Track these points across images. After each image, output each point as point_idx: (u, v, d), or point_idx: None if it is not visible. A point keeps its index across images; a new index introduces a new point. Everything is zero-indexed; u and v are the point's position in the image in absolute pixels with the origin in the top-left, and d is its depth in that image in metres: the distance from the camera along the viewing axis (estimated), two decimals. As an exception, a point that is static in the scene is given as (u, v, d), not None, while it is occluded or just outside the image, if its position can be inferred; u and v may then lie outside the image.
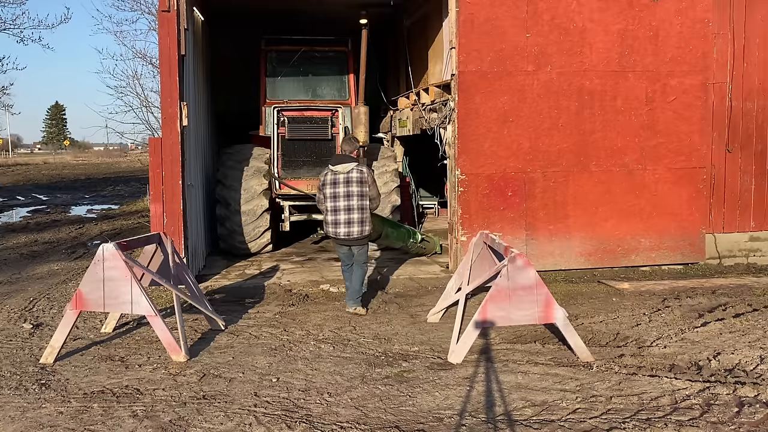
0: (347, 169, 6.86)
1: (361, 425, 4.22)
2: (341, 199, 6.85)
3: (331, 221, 6.93)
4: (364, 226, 6.93)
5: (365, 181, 6.88)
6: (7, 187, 27.50)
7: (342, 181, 6.86)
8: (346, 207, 6.85)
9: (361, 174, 6.88)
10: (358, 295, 7.08)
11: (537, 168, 8.83)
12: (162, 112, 8.11)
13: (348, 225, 6.87)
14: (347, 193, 6.84)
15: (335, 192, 6.87)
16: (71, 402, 4.62)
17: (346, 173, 6.85)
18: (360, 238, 6.95)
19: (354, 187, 6.84)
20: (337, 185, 6.87)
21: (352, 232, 6.88)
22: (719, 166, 9.51)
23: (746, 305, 7.08)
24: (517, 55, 8.67)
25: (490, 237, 6.43)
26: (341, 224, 6.88)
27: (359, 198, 6.86)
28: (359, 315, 6.93)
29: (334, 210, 6.88)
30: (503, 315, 5.34)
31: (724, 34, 9.35)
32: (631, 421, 4.21)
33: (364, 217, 6.92)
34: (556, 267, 8.92)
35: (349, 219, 6.86)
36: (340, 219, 6.87)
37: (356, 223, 6.88)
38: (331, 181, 6.91)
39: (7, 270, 9.54)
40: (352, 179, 6.85)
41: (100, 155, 68.97)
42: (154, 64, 19.12)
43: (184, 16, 8.08)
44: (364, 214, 6.92)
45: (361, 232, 6.92)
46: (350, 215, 6.86)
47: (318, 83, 12.03)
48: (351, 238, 6.91)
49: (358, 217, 6.87)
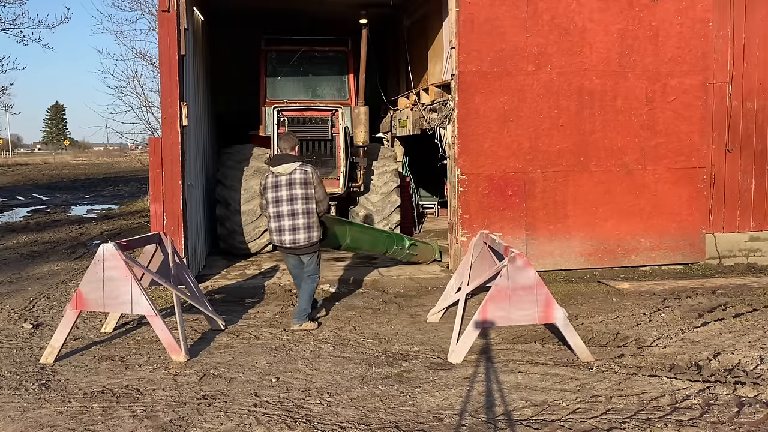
0: (289, 169, 6.27)
1: (361, 425, 4.22)
2: (284, 204, 6.26)
3: (275, 228, 6.33)
4: (311, 232, 6.33)
5: (310, 182, 6.27)
6: (7, 187, 27.50)
7: (284, 184, 6.26)
8: (290, 212, 6.26)
9: (305, 174, 6.27)
10: (305, 312, 6.45)
11: (537, 168, 8.83)
12: (162, 112, 8.11)
13: (293, 231, 6.28)
14: (290, 197, 6.25)
15: (277, 196, 6.27)
16: (71, 402, 4.62)
17: (288, 174, 6.26)
18: (308, 245, 6.36)
19: (297, 190, 6.25)
20: (278, 188, 6.27)
21: (298, 239, 6.29)
22: (719, 166, 9.52)
23: (746, 305, 7.08)
24: (517, 55, 8.67)
25: (490, 237, 6.43)
26: (286, 231, 6.29)
27: (304, 201, 6.26)
28: (308, 330, 6.36)
29: (277, 216, 6.29)
30: (503, 315, 5.34)
31: (724, 34, 9.35)
32: (631, 421, 4.21)
33: (311, 223, 6.32)
34: (556, 267, 8.92)
35: (294, 225, 6.27)
36: (285, 225, 6.28)
37: (302, 229, 6.28)
38: (273, 185, 6.31)
39: (7, 270, 9.54)
40: (294, 181, 6.25)
41: (100, 155, 68.98)
42: (154, 64, 19.13)
43: (184, 16, 8.08)
44: (311, 218, 6.32)
45: (309, 239, 6.32)
46: (295, 221, 6.26)
47: (318, 83, 12.04)
48: (298, 246, 6.32)
49: (304, 222, 6.28)
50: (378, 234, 8.51)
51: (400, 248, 8.51)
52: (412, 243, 8.74)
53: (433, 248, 9.32)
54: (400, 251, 8.54)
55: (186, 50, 8.21)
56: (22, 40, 22.29)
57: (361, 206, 10.54)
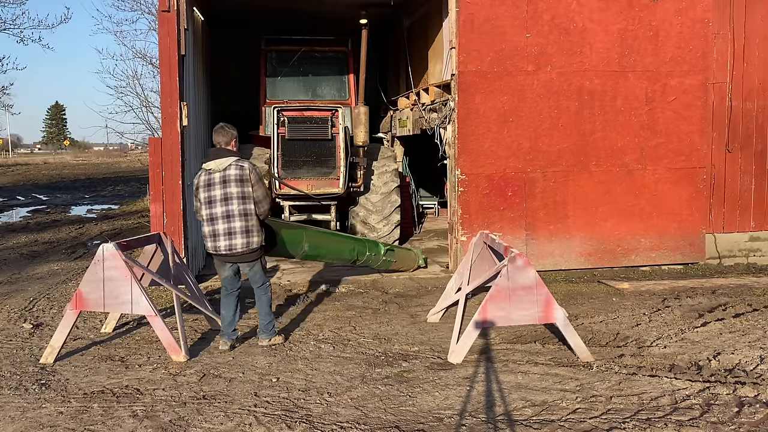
0: (223, 165, 5.56)
1: (361, 425, 4.22)
2: (218, 205, 5.53)
3: (208, 233, 5.62)
4: (250, 237, 5.58)
5: (246, 179, 5.55)
6: (7, 187, 27.50)
7: (218, 182, 5.55)
8: (225, 214, 5.52)
9: (241, 171, 5.55)
10: (272, 325, 5.91)
11: (537, 168, 8.83)
12: (162, 112, 8.12)
13: (228, 236, 5.54)
14: (225, 196, 5.52)
15: (210, 196, 5.56)
16: (71, 402, 4.62)
17: (222, 171, 5.55)
18: (246, 252, 5.61)
19: (233, 188, 5.52)
20: (211, 187, 5.56)
21: (234, 245, 5.55)
22: (719, 166, 9.52)
23: (746, 305, 7.08)
24: (517, 55, 8.67)
25: (490, 237, 6.43)
26: (220, 236, 5.55)
27: (240, 201, 5.53)
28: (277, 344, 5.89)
29: (210, 219, 5.58)
30: (503, 315, 5.34)
31: (724, 34, 9.35)
32: (631, 421, 4.21)
33: (249, 226, 5.57)
34: (556, 267, 8.92)
35: (230, 229, 5.54)
36: (219, 229, 5.55)
37: (239, 233, 5.54)
38: (205, 183, 5.60)
39: (7, 270, 9.54)
40: (229, 178, 5.53)
41: (100, 155, 68.96)
42: (154, 64, 19.13)
43: (184, 16, 8.09)
44: (249, 221, 5.57)
45: (247, 244, 5.57)
46: (230, 224, 5.53)
47: (318, 83, 12.04)
48: (234, 252, 5.58)
49: (241, 225, 5.54)
50: (345, 240, 7.85)
51: (374, 255, 7.82)
52: (389, 249, 8.10)
53: (416, 254, 8.78)
54: (374, 259, 7.83)
55: (186, 50, 8.22)
56: (22, 40, 22.32)
57: (361, 206, 10.54)
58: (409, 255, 8.62)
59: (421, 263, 8.88)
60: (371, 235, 10.44)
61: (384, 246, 8.05)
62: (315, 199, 10.24)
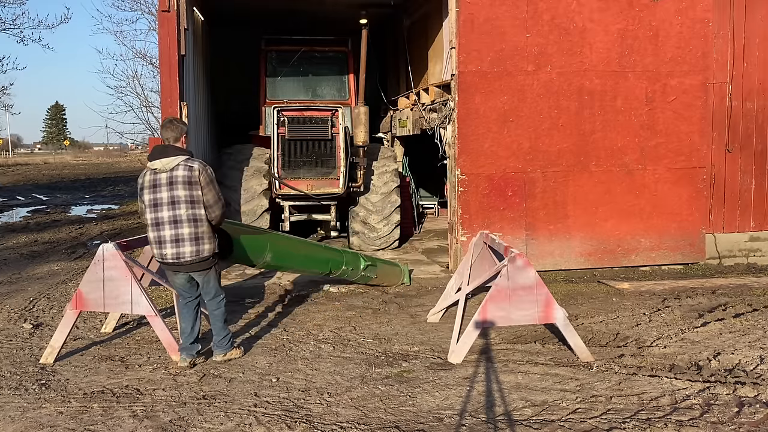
0: (170, 165, 5.02)
1: (361, 425, 4.22)
2: (164, 209, 5.02)
3: (153, 239, 5.12)
4: (200, 244, 5.08)
5: (195, 181, 5.02)
6: (7, 187, 27.50)
7: (164, 183, 5.02)
8: (172, 219, 5.02)
9: (190, 172, 5.01)
10: (227, 338, 5.45)
11: (537, 168, 8.83)
12: (162, 112, 8.12)
13: (176, 244, 5.04)
14: (172, 200, 5.01)
15: (155, 198, 5.04)
16: (71, 402, 4.62)
17: (169, 171, 5.02)
18: (196, 261, 5.12)
19: (180, 191, 4.99)
20: (157, 189, 5.03)
21: (182, 253, 5.05)
22: (719, 166, 9.52)
23: (746, 305, 7.08)
24: (517, 55, 8.68)
25: (490, 237, 6.43)
26: (167, 243, 5.06)
27: (188, 205, 5.01)
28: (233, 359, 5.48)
29: (155, 224, 5.07)
30: (503, 315, 5.34)
31: (724, 34, 9.35)
32: (631, 421, 4.21)
33: (199, 233, 5.07)
34: (556, 267, 8.92)
35: (177, 235, 5.03)
36: (165, 236, 5.05)
37: (188, 240, 5.04)
38: (150, 184, 5.07)
39: (7, 270, 9.54)
40: (176, 180, 5.00)
41: (100, 155, 68.96)
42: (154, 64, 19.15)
43: (184, 16, 8.09)
44: (199, 227, 5.06)
45: (197, 252, 5.08)
46: (178, 230, 5.02)
47: (318, 83, 12.04)
48: (183, 261, 5.09)
49: (189, 232, 5.03)
50: (319, 250, 7.33)
51: (351, 270, 7.30)
52: (370, 264, 7.58)
53: (402, 271, 8.21)
54: (351, 273, 7.34)
55: (186, 50, 8.22)
56: (22, 40, 22.37)
57: (361, 206, 10.54)
58: (394, 271, 8.09)
59: (405, 281, 8.23)
60: (371, 234, 10.46)
61: (365, 261, 7.53)
62: (315, 199, 10.24)
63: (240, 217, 9.85)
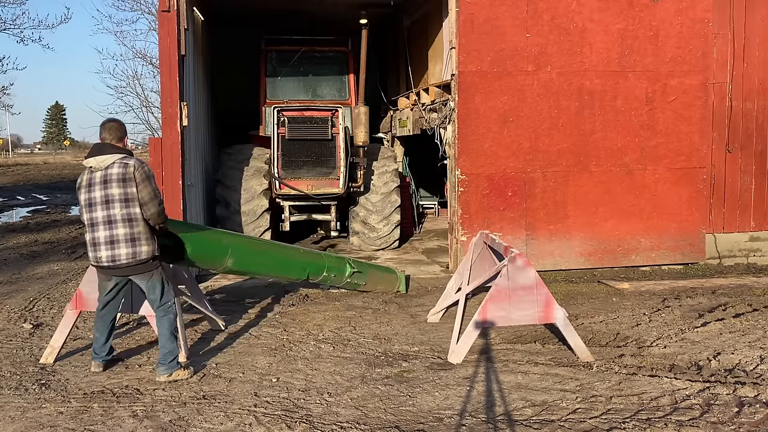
0: (105, 163, 4.78)
1: (361, 425, 4.22)
2: (99, 208, 4.78)
3: (89, 241, 4.87)
4: (137, 246, 4.79)
5: (130, 178, 4.75)
6: (7, 187, 27.50)
7: (98, 182, 4.79)
8: (107, 219, 4.76)
9: (125, 169, 4.76)
10: (172, 356, 5.02)
11: (537, 168, 8.83)
12: (162, 112, 8.11)
13: (111, 246, 4.77)
14: (106, 199, 4.76)
15: (90, 198, 4.81)
16: (71, 402, 4.62)
17: (104, 170, 4.78)
18: (132, 264, 4.82)
19: (114, 189, 4.74)
20: (92, 188, 4.81)
21: (117, 255, 4.77)
22: (719, 166, 9.51)
23: (746, 305, 7.08)
24: (517, 55, 8.67)
25: (490, 237, 6.43)
26: (101, 245, 4.79)
27: (123, 204, 4.75)
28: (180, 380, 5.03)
29: (91, 224, 4.83)
30: (503, 315, 5.34)
31: (724, 34, 9.35)
32: (631, 421, 4.21)
33: (135, 233, 4.78)
34: (556, 267, 8.92)
35: (112, 237, 4.77)
36: (100, 237, 4.79)
37: (123, 242, 4.76)
38: (87, 183, 4.85)
39: (7, 270, 9.54)
40: (111, 178, 4.76)
41: (100, 155, 68.74)
42: (154, 64, 19.16)
43: (184, 16, 8.08)
44: (135, 228, 4.78)
45: (133, 255, 4.79)
46: (113, 231, 4.76)
47: (318, 83, 12.04)
48: (118, 264, 4.79)
49: (125, 233, 4.76)
50: (291, 255, 6.81)
51: (334, 276, 6.93)
52: (357, 271, 7.14)
53: (397, 278, 7.82)
54: (334, 279, 6.98)
55: (186, 50, 8.21)
56: (22, 40, 22.36)
57: (361, 206, 10.54)
58: (387, 278, 7.70)
59: (401, 289, 7.82)
60: (371, 235, 10.46)
61: (352, 267, 7.11)
62: (315, 199, 10.24)
63: (240, 217, 9.85)
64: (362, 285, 7.39)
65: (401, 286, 7.83)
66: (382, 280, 7.66)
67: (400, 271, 8.06)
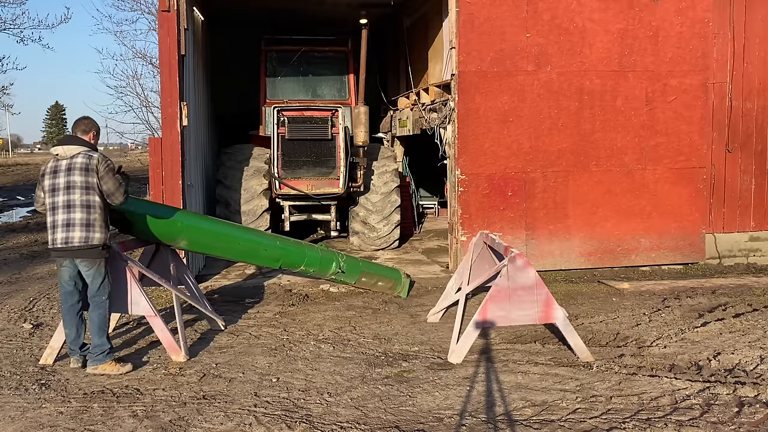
0: (71, 153, 5.11)
1: (361, 425, 4.22)
2: (60, 193, 5.07)
3: (49, 224, 5.15)
4: (90, 231, 5.06)
5: (93, 169, 5.07)
6: (7, 187, 27.50)
7: (63, 170, 5.09)
8: (66, 203, 5.05)
9: (89, 160, 5.09)
10: (102, 349, 5.18)
11: (537, 168, 8.83)
12: (162, 112, 8.11)
13: (66, 228, 5.04)
14: (68, 185, 5.06)
15: (54, 183, 5.10)
16: (71, 402, 4.62)
17: (70, 159, 5.10)
18: (84, 248, 5.06)
19: (76, 177, 5.05)
20: (57, 175, 5.11)
21: (71, 237, 5.03)
22: (719, 166, 9.51)
23: (746, 305, 7.07)
24: (517, 55, 8.67)
25: (490, 237, 6.43)
26: (58, 227, 5.07)
27: (83, 191, 5.05)
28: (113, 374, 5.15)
29: (52, 208, 5.11)
30: (503, 315, 5.34)
31: (724, 34, 9.35)
32: (631, 421, 4.21)
33: (91, 219, 5.06)
34: (556, 267, 8.92)
35: (69, 220, 5.04)
36: (58, 220, 5.08)
37: (78, 226, 5.03)
38: (51, 170, 5.15)
39: (7, 270, 9.54)
40: (74, 166, 5.07)
41: (100, 155, 68.75)
42: (154, 64, 19.12)
43: (184, 16, 8.08)
44: (92, 214, 5.07)
45: (86, 239, 5.05)
46: (70, 214, 5.04)
47: (318, 83, 12.04)
48: (71, 246, 5.04)
49: (81, 217, 5.04)
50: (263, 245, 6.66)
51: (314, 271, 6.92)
52: (341, 271, 7.03)
53: (400, 283, 7.62)
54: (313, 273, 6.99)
55: (186, 50, 8.21)
56: (22, 40, 22.29)
57: (361, 206, 10.54)
58: (387, 280, 7.56)
59: (402, 294, 7.62)
60: (371, 234, 10.46)
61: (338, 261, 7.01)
62: (315, 199, 10.24)
63: (240, 217, 9.85)
64: (351, 283, 7.41)
65: (403, 292, 7.64)
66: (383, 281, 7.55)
67: (406, 277, 7.77)
